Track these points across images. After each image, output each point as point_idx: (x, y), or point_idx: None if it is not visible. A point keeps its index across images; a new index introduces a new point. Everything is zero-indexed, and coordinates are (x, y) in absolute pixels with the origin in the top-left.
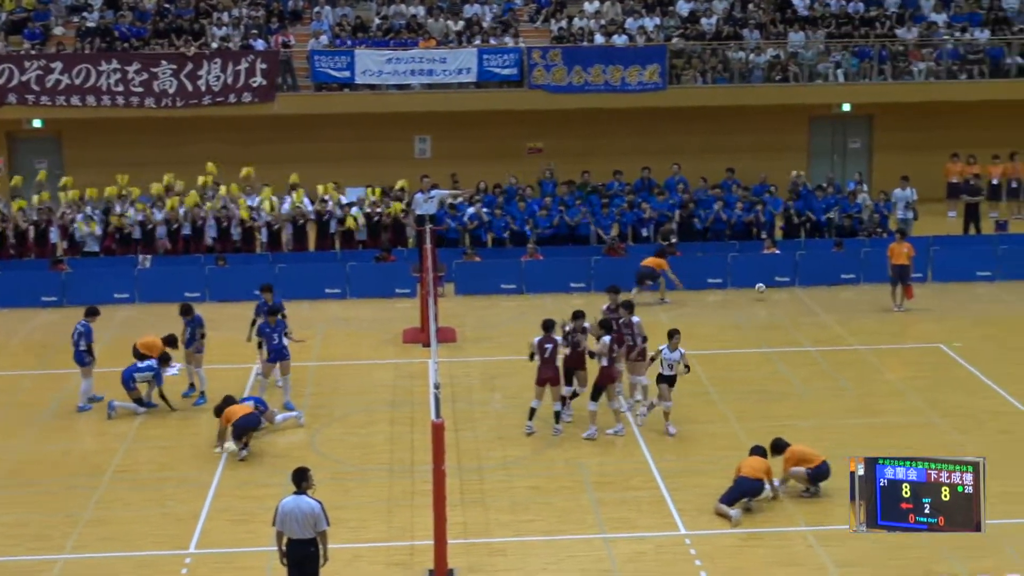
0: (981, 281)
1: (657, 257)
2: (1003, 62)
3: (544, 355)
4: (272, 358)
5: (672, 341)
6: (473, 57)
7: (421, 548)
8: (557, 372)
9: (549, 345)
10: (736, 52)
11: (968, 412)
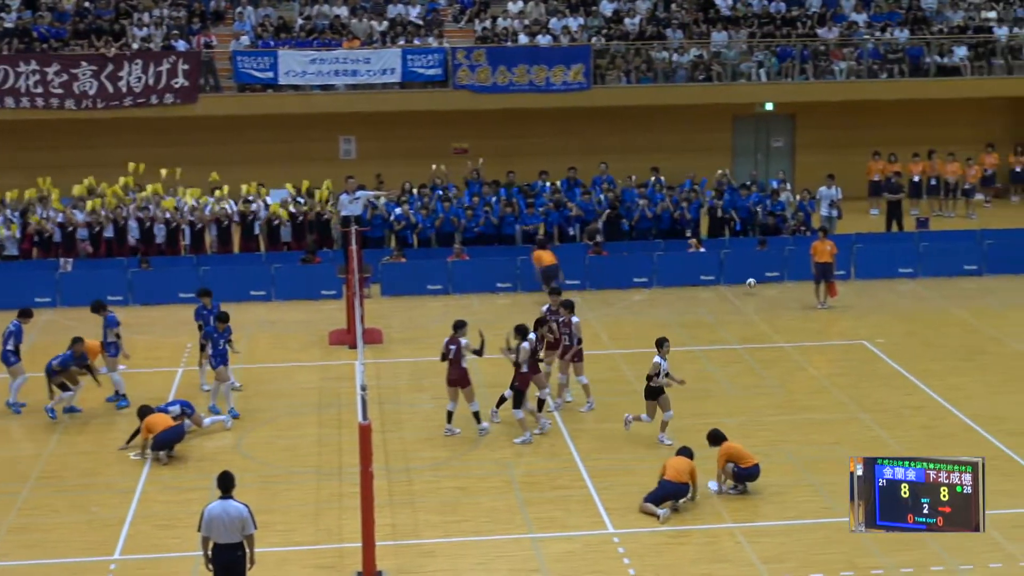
0: (903, 278)
1: (540, 251)
2: (922, 61)
3: (448, 356)
4: (216, 363)
5: (662, 350)
6: (397, 57)
7: (350, 550)
8: (464, 373)
9: (453, 346)
10: (660, 52)
11: (891, 407)
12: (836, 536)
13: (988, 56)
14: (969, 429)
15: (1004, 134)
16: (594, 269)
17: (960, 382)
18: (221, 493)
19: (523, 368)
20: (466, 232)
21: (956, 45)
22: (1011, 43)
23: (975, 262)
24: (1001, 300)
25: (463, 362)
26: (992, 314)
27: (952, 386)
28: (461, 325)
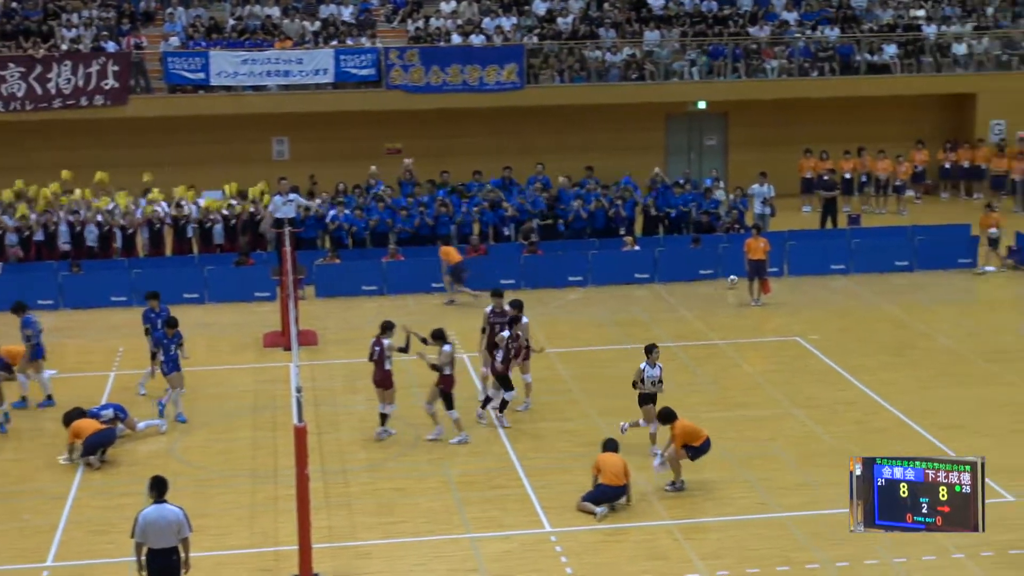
0: (835, 274)
1: (449, 247)
2: (853, 59)
3: (372, 357)
4: (167, 369)
5: (651, 357)
6: (330, 58)
7: (286, 553)
8: (387, 375)
9: (377, 347)
10: (593, 51)
11: (825, 403)
12: (772, 532)
13: (917, 54)
14: (901, 424)
15: (933, 131)
16: (529, 268)
17: (892, 377)
18: (155, 497)
19: (445, 371)
20: (400, 233)
21: (886, 43)
22: (939, 41)
23: (906, 258)
24: (931, 296)
25: (387, 364)
26: (922, 309)
27: (884, 381)
28: (389, 327)
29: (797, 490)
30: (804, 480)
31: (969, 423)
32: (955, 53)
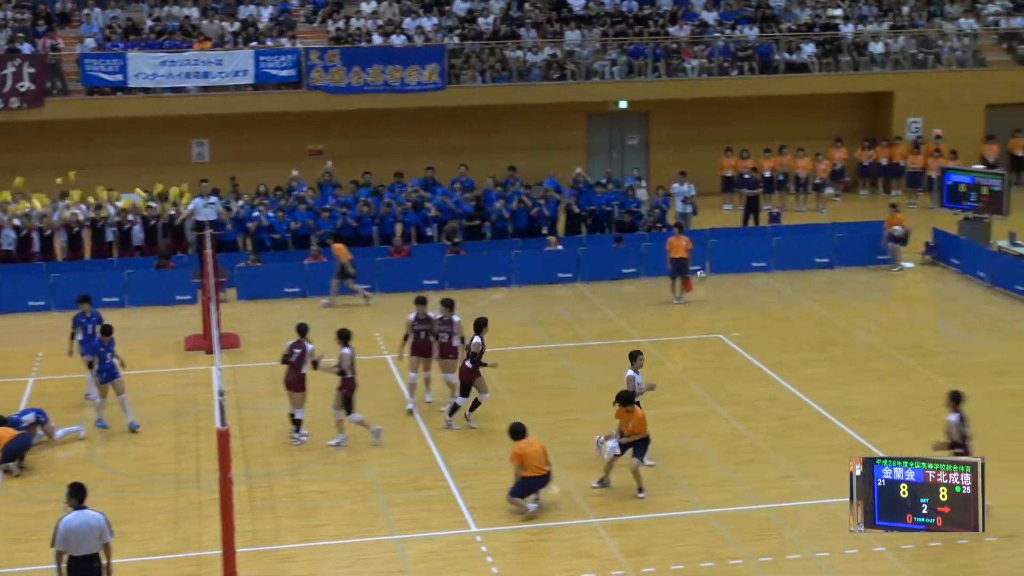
0: (757, 272)
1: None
2: (772, 58)
3: (288, 359)
4: (104, 378)
5: (635, 363)
6: (249, 59)
7: (209, 558)
8: (299, 378)
9: (298, 350)
10: (514, 51)
11: (747, 399)
12: (696, 528)
13: (835, 53)
14: (823, 419)
15: (852, 129)
16: (452, 269)
17: (813, 373)
18: (75, 504)
19: (347, 374)
20: (323, 234)
21: (804, 42)
22: (857, 40)
23: (826, 255)
24: (851, 292)
25: (303, 367)
26: (842, 306)
27: (805, 377)
28: (305, 329)
29: (721, 486)
30: (728, 476)
31: (889, 417)
32: (872, 52)
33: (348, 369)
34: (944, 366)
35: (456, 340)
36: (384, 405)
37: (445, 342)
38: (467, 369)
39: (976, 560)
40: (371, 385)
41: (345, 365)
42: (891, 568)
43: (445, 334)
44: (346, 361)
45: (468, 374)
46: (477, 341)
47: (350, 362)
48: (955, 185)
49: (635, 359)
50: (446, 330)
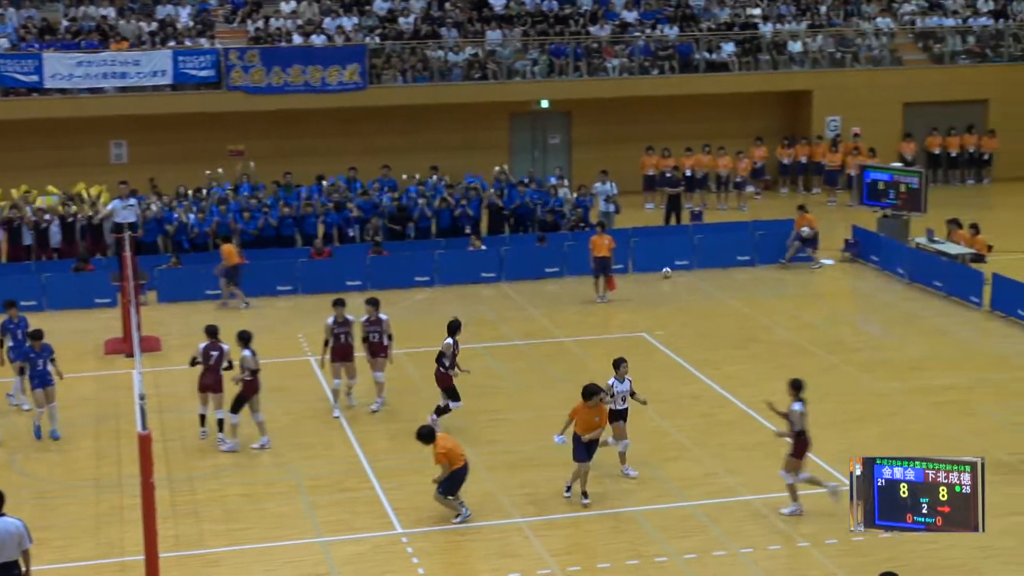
0: (679, 270)
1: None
2: (692, 58)
3: (209, 361)
4: (36, 384)
5: (619, 371)
6: (168, 59)
7: (132, 564)
8: (219, 379)
9: (215, 352)
10: (435, 51)
11: (671, 397)
12: (622, 526)
13: (754, 52)
14: (746, 416)
15: (772, 127)
16: (375, 269)
17: (736, 370)
18: None
19: (247, 376)
20: (243, 235)
21: (724, 41)
22: (776, 39)
23: (747, 253)
24: (771, 289)
25: (221, 369)
26: (763, 303)
27: (728, 375)
28: (215, 331)
29: (646, 484)
30: (652, 475)
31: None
32: (791, 51)
33: (247, 371)
34: (864, 362)
35: (386, 338)
36: (308, 407)
37: (376, 341)
38: (440, 374)
39: (900, 554)
40: (295, 387)
41: (245, 367)
42: (815, 563)
43: (375, 333)
44: (249, 363)
45: (443, 379)
46: (448, 343)
47: (253, 365)
48: (874, 183)
49: (619, 367)
50: (375, 329)
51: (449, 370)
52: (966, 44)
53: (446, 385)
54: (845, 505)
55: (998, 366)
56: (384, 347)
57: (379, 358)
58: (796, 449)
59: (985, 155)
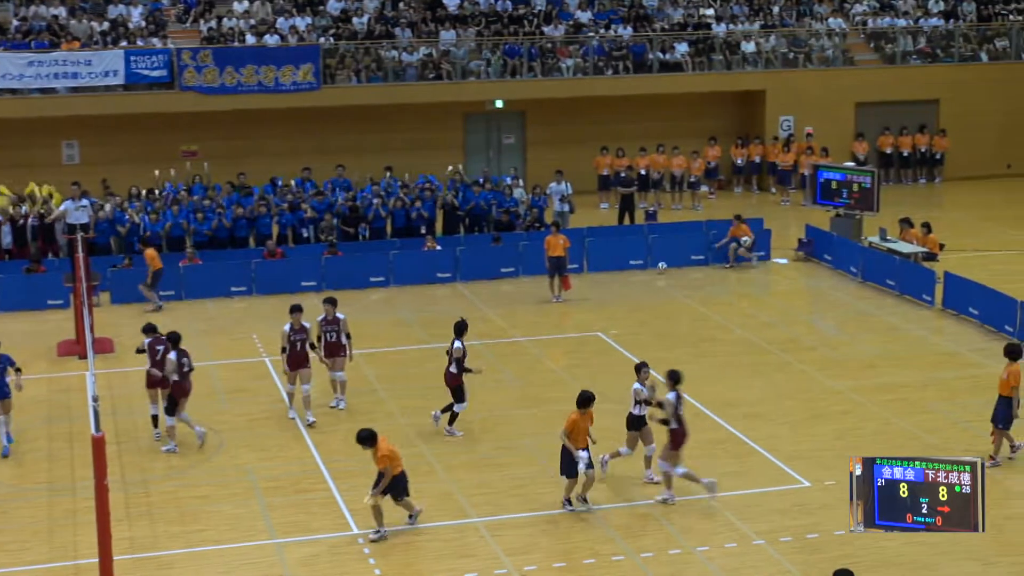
0: (633, 269)
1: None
2: (646, 58)
3: (156, 356)
4: None
5: (641, 375)
6: (120, 59)
7: (86, 567)
8: (164, 378)
9: (160, 347)
10: (389, 51)
11: (627, 397)
12: (578, 525)
13: (708, 52)
14: (702, 415)
15: (725, 127)
16: (330, 270)
17: (691, 369)
18: None
19: (174, 377)
20: (197, 236)
21: (677, 42)
22: (729, 39)
23: (701, 252)
24: (726, 288)
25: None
26: (719, 302)
27: (684, 373)
28: (151, 328)
29: (602, 483)
30: (609, 473)
31: (767, 412)
32: (744, 51)
33: (173, 373)
34: (819, 360)
35: (343, 337)
36: (264, 408)
37: (333, 340)
38: (450, 374)
39: (854, 551)
40: (251, 388)
41: (170, 370)
42: (770, 560)
43: (332, 332)
44: (171, 367)
45: (452, 379)
46: (458, 346)
47: (174, 368)
48: (827, 182)
49: (640, 371)
50: (332, 328)
51: (463, 372)
52: (917, 44)
53: (454, 386)
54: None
55: (950, 364)
56: (342, 346)
57: (338, 357)
58: (673, 440)
59: (937, 154)
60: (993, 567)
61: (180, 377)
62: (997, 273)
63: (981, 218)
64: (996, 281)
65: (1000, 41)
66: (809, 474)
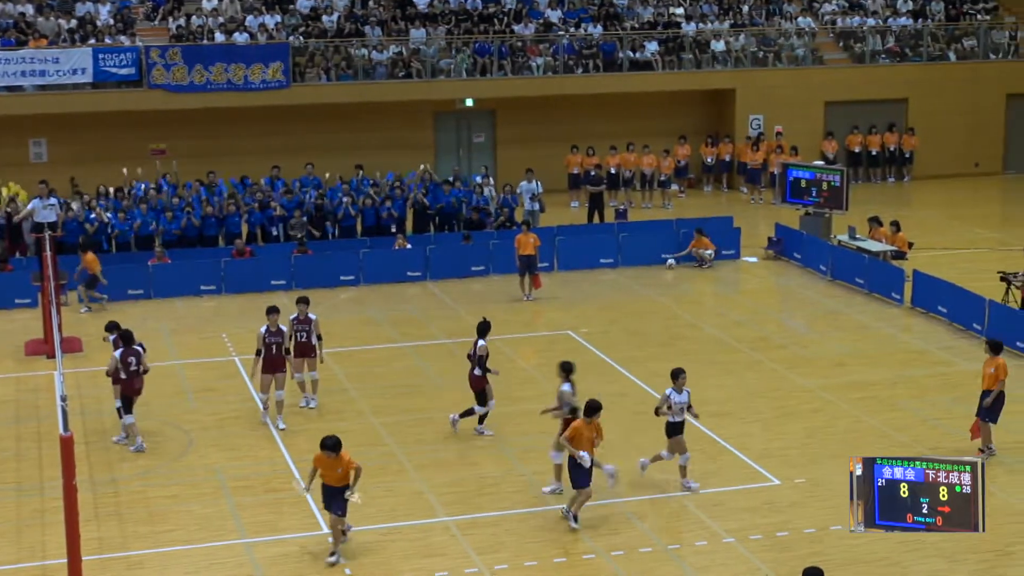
0: (604, 268)
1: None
2: (616, 56)
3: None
4: None
5: (678, 382)
6: (88, 57)
7: (54, 567)
8: None
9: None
10: (359, 49)
11: (597, 395)
12: (548, 524)
13: (678, 51)
14: None
15: (695, 126)
16: (300, 268)
17: (662, 368)
18: None
19: (122, 375)
20: (166, 235)
21: (647, 40)
22: (698, 38)
23: (672, 250)
24: (697, 287)
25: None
26: (689, 300)
27: (654, 372)
28: (114, 326)
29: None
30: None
31: (737, 410)
32: (714, 50)
33: (119, 371)
34: (789, 358)
35: (315, 338)
36: (233, 408)
37: (304, 341)
38: (475, 377)
39: (823, 549)
40: (220, 388)
41: (112, 367)
42: (740, 558)
43: (303, 333)
44: (112, 363)
45: (477, 382)
46: (482, 344)
47: (115, 364)
48: (797, 181)
49: (677, 377)
50: (304, 328)
51: (487, 372)
52: (886, 44)
53: (479, 388)
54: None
55: (919, 362)
56: (313, 347)
57: (309, 358)
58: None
59: (906, 153)
60: (960, 564)
61: (128, 376)
62: (965, 271)
63: (949, 216)
64: (964, 279)
65: (968, 40)
66: (779, 472)
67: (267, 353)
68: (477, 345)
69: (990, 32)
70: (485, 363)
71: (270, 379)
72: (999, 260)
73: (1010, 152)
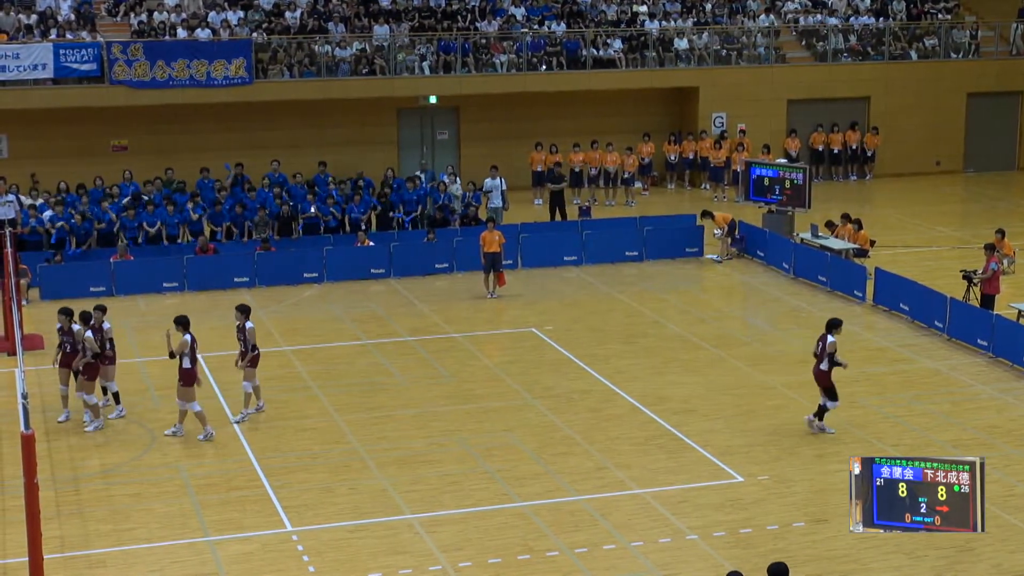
0: (568, 266)
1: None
2: (579, 54)
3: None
4: None
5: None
6: (48, 52)
7: (14, 566)
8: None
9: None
10: (322, 46)
11: (561, 392)
12: (512, 521)
13: (641, 49)
14: (636, 410)
15: (659, 124)
16: (263, 266)
17: (624, 365)
18: None
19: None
20: (129, 232)
21: (611, 38)
22: (662, 36)
23: (635, 248)
24: (660, 284)
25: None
26: (652, 298)
27: (617, 369)
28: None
29: (536, 479)
30: (543, 469)
31: (700, 407)
32: (677, 48)
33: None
34: (752, 356)
35: (250, 347)
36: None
37: (243, 350)
38: (822, 372)
39: (786, 545)
40: None
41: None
42: (703, 555)
43: (241, 341)
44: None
45: (824, 377)
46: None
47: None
48: (760, 179)
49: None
50: (239, 337)
51: (837, 366)
52: (848, 42)
53: (826, 385)
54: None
55: (879, 359)
56: (249, 354)
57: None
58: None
59: (868, 152)
60: (921, 560)
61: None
62: (927, 269)
63: (911, 214)
64: (926, 277)
65: (929, 39)
66: (743, 469)
67: None
68: (826, 341)
69: (951, 31)
70: (834, 358)
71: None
72: (960, 258)
73: (970, 151)
